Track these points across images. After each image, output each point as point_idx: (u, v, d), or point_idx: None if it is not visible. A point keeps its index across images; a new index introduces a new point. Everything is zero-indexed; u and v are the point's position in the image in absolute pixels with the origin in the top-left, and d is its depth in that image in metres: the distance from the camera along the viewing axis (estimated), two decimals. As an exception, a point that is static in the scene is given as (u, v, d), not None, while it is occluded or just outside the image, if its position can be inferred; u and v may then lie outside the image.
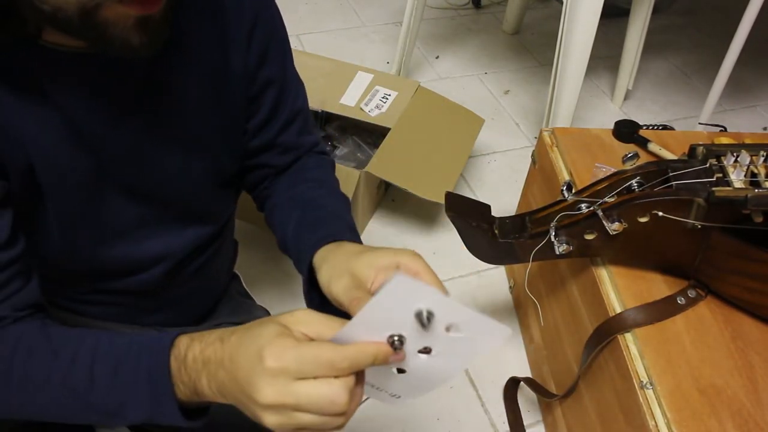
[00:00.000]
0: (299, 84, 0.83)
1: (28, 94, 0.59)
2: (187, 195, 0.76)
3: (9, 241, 0.61)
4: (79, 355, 0.58)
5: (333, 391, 0.49)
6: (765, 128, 1.91)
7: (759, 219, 0.82)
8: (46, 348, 0.59)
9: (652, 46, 2.04)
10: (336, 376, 0.49)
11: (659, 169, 0.88)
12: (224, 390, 0.53)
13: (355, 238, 0.72)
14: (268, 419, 0.50)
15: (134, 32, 0.54)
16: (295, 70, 0.82)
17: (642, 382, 0.82)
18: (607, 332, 0.89)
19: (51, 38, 0.58)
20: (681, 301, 0.90)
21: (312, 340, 0.51)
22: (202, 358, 0.54)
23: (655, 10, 1.83)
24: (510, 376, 1.17)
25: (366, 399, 0.54)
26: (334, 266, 0.64)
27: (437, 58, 2.04)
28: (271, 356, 0.49)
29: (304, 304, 1.40)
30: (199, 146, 0.73)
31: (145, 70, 0.65)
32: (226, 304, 0.98)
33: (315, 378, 0.49)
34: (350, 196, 1.28)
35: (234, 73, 0.73)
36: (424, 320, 0.49)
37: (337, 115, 1.47)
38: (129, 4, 0.52)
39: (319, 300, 0.67)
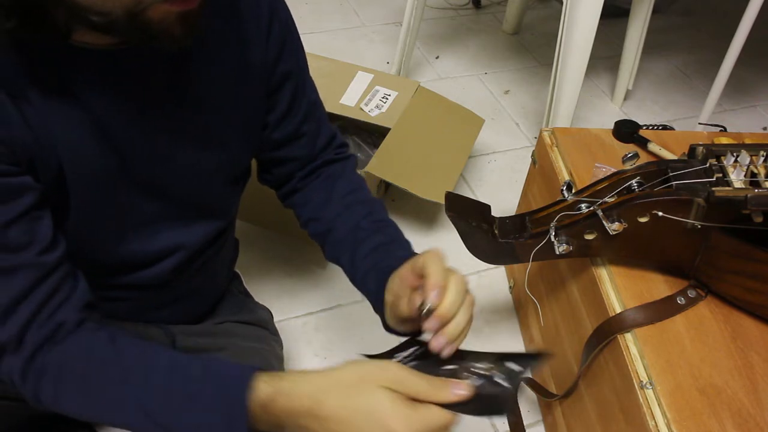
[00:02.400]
0: (311, 77, 0.86)
1: (57, 94, 0.60)
2: (202, 190, 0.77)
3: (53, 241, 0.62)
4: (152, 376, 0.60)
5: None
6: (765, 128, 1.91)
7: (759, 219, 0.82)
8: (117, 364, 0.61)
9: (652, 46, 2.04)
10: None
11: (659, 169, 0.88)
12: None
13: (403, 247, 0.80)
14: None
15: (176, 26, 0.56)
16: (308, 66, 0.85)
17: (642, 381, 0.82)
18: (607, 332, 0.89)
19: (79, 38, 0.59)
20: (681, 301, 0.90)
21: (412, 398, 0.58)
22: (287, 411, 0.58)
23: (655, 11, 1.83)
24: (510, 376, 1.17)
25: None
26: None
27: (437, 58, 2.04)
28: (399, 427, 0.55)
29: (302, 303, 1.40)
30: (217, 143, 0.75)
31: (167, 69, 0.66)
32: (227, 303, 0.99)
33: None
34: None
35: (253, 69, 0.74)
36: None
37: (337, 115, 1.47)
38: (172, 2, 0.54)
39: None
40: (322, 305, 1.30)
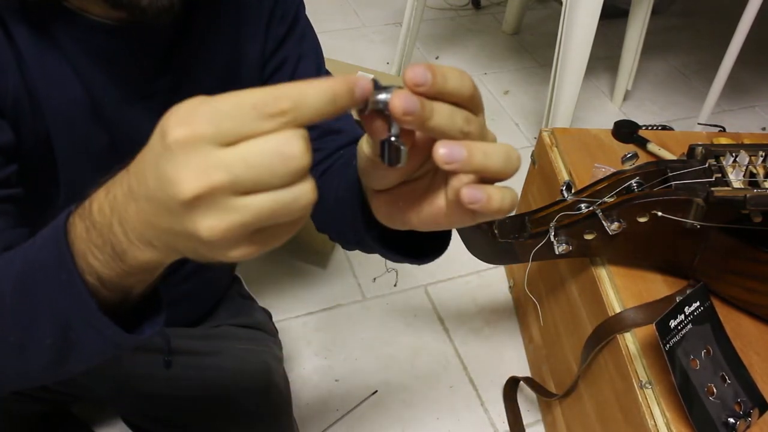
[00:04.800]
0: (326, 72, 0.79)
1: (55, 60, 0.60)
2: None
3: (3, 182, 0.58)
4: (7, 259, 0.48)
5: (279, 141, 0.33)
6: (763, 128, 1.91)
7: (758, 219, 0.83)
8: None
9: (651, 47, 2.04)
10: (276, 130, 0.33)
11: (658, 169, 0.88)
12: (141, 227, 0.38)
13: None
14: (205, 223, 0.34)
15: None
16: (323, 63, 0.78)
17: (641, 381, 0.82)
18: (607, 332, 0.89)
19: (77, 2, 0.59)
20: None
21: None
22: (108, 203, 0.40)
23: (654, 11, 1.83)
24: (510, 375, 1.17)
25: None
26: None
27: (437, 58, 2.04)
28: (174, 123, 0.34)
29: (302, 303, 1.40)
30: None
31: (164, 56, 0.66)
32: (226, 306, 0.98)
33: (245, 139, 0.33)
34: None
35: (249, 64, 0.73)
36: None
37: (337, 115, 1.47)
38: None
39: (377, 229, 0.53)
40: (322, 305, 1.30)
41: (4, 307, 0.47)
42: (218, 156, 0.33)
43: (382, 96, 0.37)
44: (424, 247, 0.55)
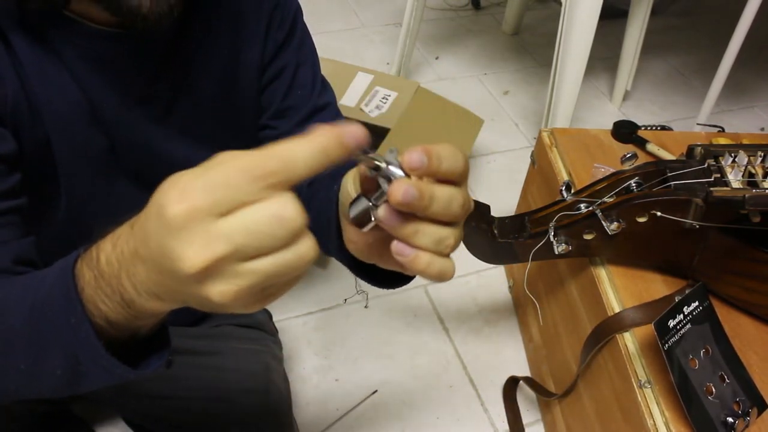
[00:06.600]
0: (324, 83, 0.80)
1: (53, 66, 0.61)
2: None
3: (9, 194, 0.59)
4: (16, 292, 0.50)
5: (274, 206, 0.34)
6: (762, 129, 1.92)
7: (756, 219, 0.83)
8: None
9: (650, 47, 2.04)
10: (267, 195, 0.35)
11: (658, 169, 0.88)
12: (149, 284, 0.40)
13: None
14: (215, 290, 0.35)
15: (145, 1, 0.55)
16: (319, 70, 0.79)
17: (640, 381, 0.82)
18: (606, 331, 0.89)
19: (77, 8, 0.59)
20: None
21: None
22: (116, 257, 0.42)
23: (654, 12, 1.83)
24: (509, 375, 1.18)
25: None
26: None
27: (437, 58, 2.04)
28: (172, 200, 0.35)
29: (303, 303, 1.40)
30: (208, 141, 0.73)
31: (162, 61, 0.66)
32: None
33: (241, 207, 0.34)
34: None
35: (247, 67, 0.73)
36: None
37: (337, 115, 1.48)
38: None
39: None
40: (322, 305, 1.30)
41: (15, 339, 0.48)
42: (218, 227, 0.34)
43: (391, 169, 0.39)
44: (390, 275, 0.57)
